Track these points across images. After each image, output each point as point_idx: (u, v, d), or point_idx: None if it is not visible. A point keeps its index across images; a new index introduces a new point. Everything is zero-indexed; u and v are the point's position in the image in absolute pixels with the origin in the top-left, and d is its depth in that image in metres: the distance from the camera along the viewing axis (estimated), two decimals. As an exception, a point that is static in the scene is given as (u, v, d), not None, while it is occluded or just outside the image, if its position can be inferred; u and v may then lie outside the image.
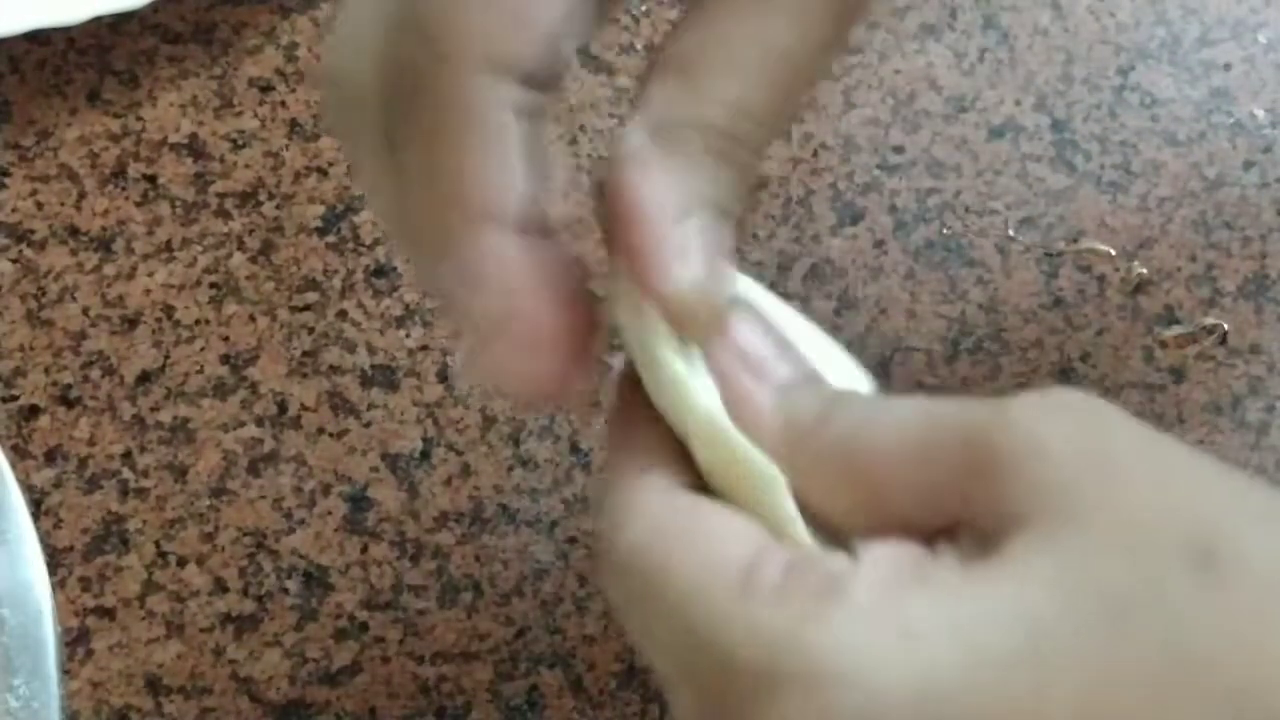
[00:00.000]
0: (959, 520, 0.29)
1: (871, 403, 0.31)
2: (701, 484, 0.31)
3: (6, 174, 0.53)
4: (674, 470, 0.31)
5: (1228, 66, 0.57)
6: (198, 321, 0.52)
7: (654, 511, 0.30)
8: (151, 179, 0.53)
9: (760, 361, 0.32)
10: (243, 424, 0.50)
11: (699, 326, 0.31)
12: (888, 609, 0.27)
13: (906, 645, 0.26)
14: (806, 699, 0.27)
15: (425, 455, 0.50)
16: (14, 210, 0.53)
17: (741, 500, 0.31)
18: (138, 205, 0.53)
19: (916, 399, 0.30)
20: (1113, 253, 0.54)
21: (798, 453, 0.30)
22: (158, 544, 0.49)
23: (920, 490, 0.29)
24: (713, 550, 0.29)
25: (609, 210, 0.31)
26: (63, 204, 0.53)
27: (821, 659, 0.27)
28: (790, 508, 0.30)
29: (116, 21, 0.54)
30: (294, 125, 0.54)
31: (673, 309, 0.31)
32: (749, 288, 0.34)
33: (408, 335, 0.52)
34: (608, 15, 0.34)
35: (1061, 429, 0.28)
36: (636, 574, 0.29)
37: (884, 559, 0.28)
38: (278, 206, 0.53)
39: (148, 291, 0.52)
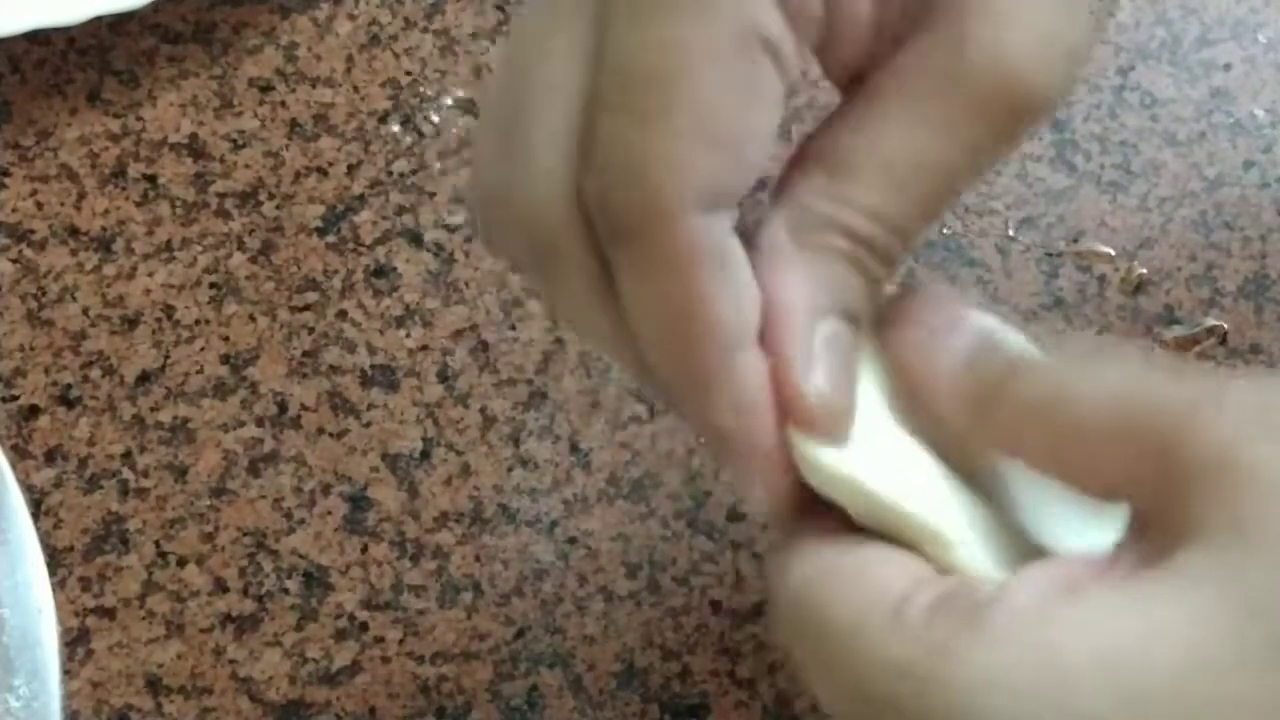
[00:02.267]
0: (1149, 511, 0.28)
1: (1061, 367, 0.31)
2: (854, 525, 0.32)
3: (6, 174, 0.53)
4: (834, 515, 0.32)
5: (1228, 66, 0.57)
6: (198, 321, 0.52)
7: (816, 550, 0.31)
8: (151, 179, 0.53)
9: (946, 322, 0.32)
10: (243, 424, 0.50)
11: (822, 430, 0.31)
12: (1030, 633, 0.27)
13: (1045, 673, 0.26)
14: None
15: (425, 455, 0.50)
16: (14, 210, 0.53)
17: (903, 538, 0.31)
18: (138, 205, 0.53)
19: (1105, 364, 0.30)
20: (1113, 253, 0.54)
21: (990, 413, 0.31)
22: (158, 544, 0.49)
23: (1110, 473, 0.29)
24: (872, 584, 0.29)
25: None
26: (63, 204, 0.53)
27: (962, 696, 0.27)
28: (951, 532, 0.31)
29: (116, 21, 0.54)
30: (294, 125, 0.54)
31: (800, 415, 0.31)
32: None
33: (408, 335, 0.52)
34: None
35: (1258, 443, 0.27)
36: (801, 613, 0.30)
37: (1034, 580, 0.28)
38: (278, 206, 0.53)
39: (148, 291, 0.52)
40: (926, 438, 0.33)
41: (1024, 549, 0.32)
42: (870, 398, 0.33)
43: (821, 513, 0.32)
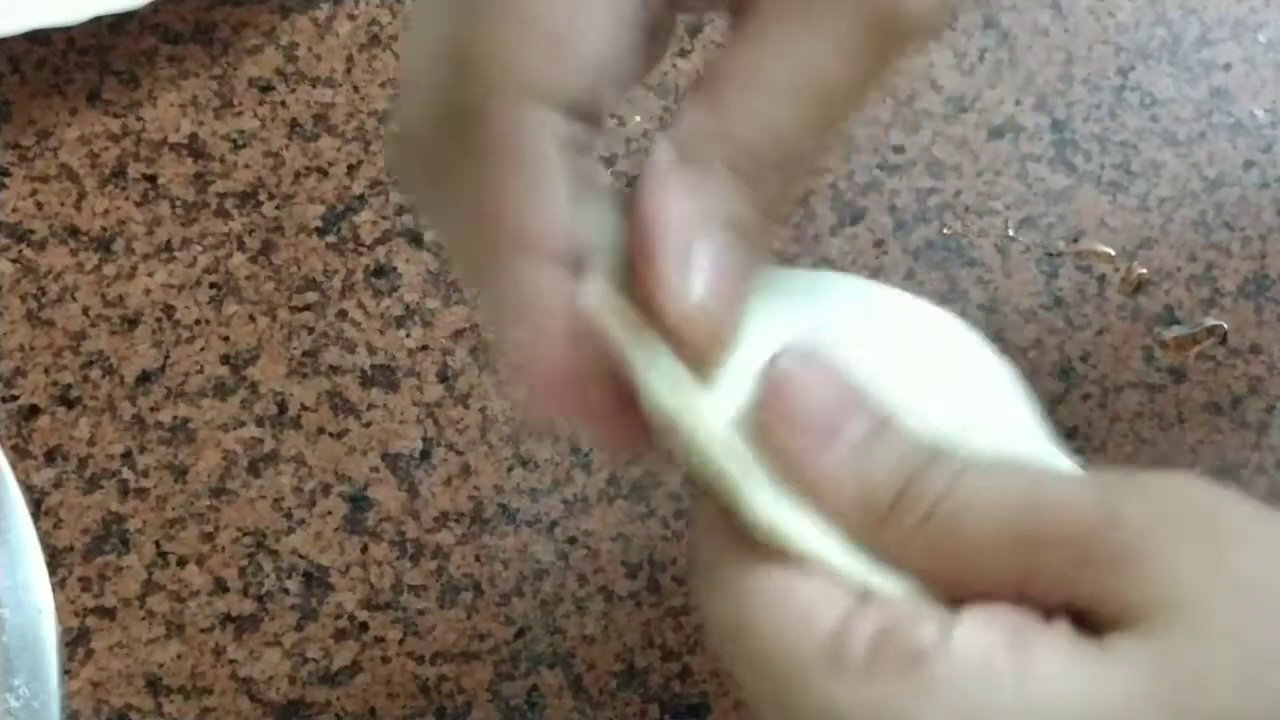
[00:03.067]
0: (1063, 603, 0.28)
1: (957, 469, 0.29)
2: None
3: (6, 174, 0.53)
4: (739, 534, 0.31)
5: (1228, 66, 0.57)
6: (198, 321, 0.52)
7: (735, 576, 0.30)
8: (151, 179, 0.53)
9: (826, 421, 0.30)
10: (243, 424, 0.50)
11: (698, 346, 0.30)
12: (970, 690, 0.27)
13: None
14: None
15: (425, 455, 0.50)
16: (14, 210, 0.53)
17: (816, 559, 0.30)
18: (138, 205, 0.53)
19: (1013, 470, 0.29)
20: (1113, 253, 0.54)
21: (880, 531, 0.29)
22: (158, 544, 0.49)
23: (1020, 577, 0.28)
24: (803, 615, 0.29)
25: (630, 226, 0.31)
26: (63, 204, 0.53)
27: None
28: (866, 575, 0.30)
29: (116, 21, 0.54)
30: (294, 125, 0.54)
31: (672, 325, 0.30)
32: (840, 282, 0.34)
33: (408, 335, 0.52)
34: (657, 55, 0.34)
35: (1183, 537, 0.27)
36: (733, 641, 0.30)
37: (977, 631, 0.28)
38: (278, 206, 0.53)
39: (148, 291, 0.52)
40: None
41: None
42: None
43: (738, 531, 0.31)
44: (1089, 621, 0.28)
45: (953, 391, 0.33)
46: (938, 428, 0.31)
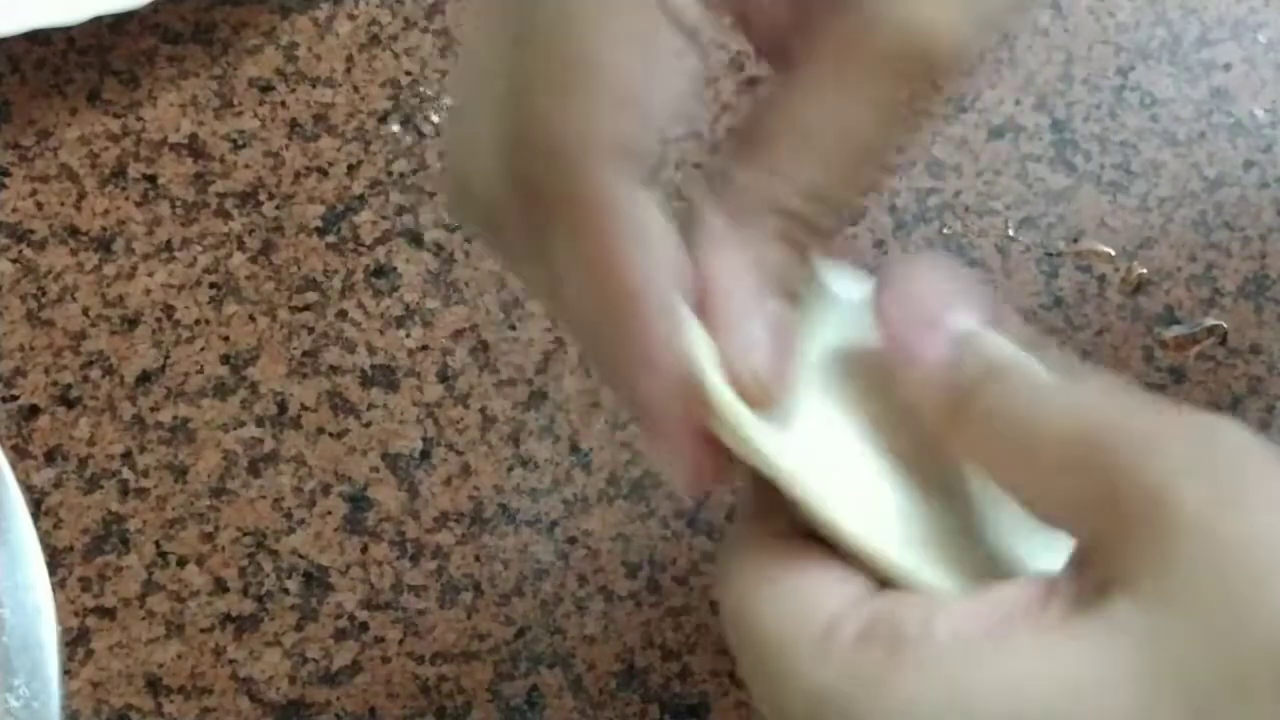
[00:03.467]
0: (1089, 545, 0.29)
1: (1039, 379, 0.31)
2: (800, 529, 0.32)
3: (6, 174, 0.53)
4: (781, 517, 0.32)
5: (1228, 66, 0.57)
6: (198, 321, 0.52)
7: (757, 561, 0.31)
8: (151, 179, 0.53)
9: (934, 310, 0.32)
10: (243, 424, 0.50)
11: (756, 404, 0.31)
12: (948, 672, 0.27)
13: (956, 714, 0.27)
14: None
15: (425, 455, 0.50)
16: (14, 210, 0.53)
17: (843, 546, 0.31)
18: (138, 205, 0.53)
19: (1074, 386, 0.30)
20: (1113, 253, 0.54)
21: (958, 412, 0.31)
22: (158, 544, 0.49)
23: (1058, 499, 0.29)
24: (805, 603, 0.30)
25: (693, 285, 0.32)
26: (63, 204, 0.53)
27: None
28: (875, 548, 0.31)
29: (116, 21, 0.54)
30: (294, 125, 0.54)
31: (740, 388, 0.31)
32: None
33: (408, 335, 0.52)
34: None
35: (1193, 485, 0.27)
36: (737, 625, 0.30)
37: (963, 614, 0.28)
38: (278, 206, 0.53)
39: (148, 291, 0.52)
40: (900, 439, 0.33)
41: (981, 562, 0.32)
42: (824, 394, 0.33)
43: (770, 514, 0.32)
44: (1096, 576, 0.28)
45: None
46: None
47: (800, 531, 0.31)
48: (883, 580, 0.31)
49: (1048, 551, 0.30)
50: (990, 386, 0.31)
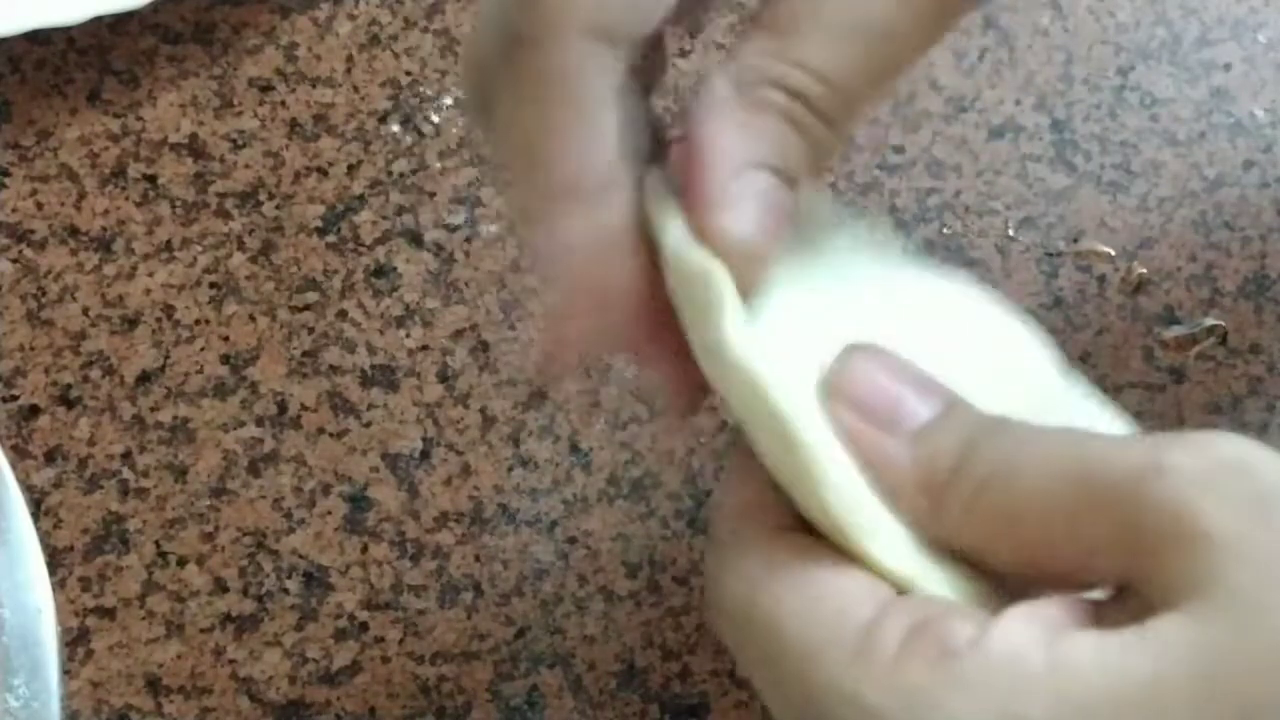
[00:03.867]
0: (1120, 581, 0.28)
1: (1015, 441, 0.29)
2: (804, 525, 0.30)
3: (6, 174, 0.53)
4: (779, 508, 0.30)
5: (1228, 66, 0.57)
6: (198, 321, 0.52)
7: (762, 557, 0.29)
8: (151, 179, 0.53)
9: (890, 408, 0.30)
10: (243, 424, 0.50)
11: (739, 278, 0.30)
12: (1000, 684, 0.26)
13: None
14: None
15: (425, 455, 0.50)
16: (14, 210, 0.53)
17: (850, 547, 0.29)
18: (138, 205, 0.53)
19: (1064, 433, 0.29)
20: (1113, 253, 0.54)
21: (939, 506, 0.29)
22: (158, 544, 0.49)
23: (1071, 552, 0.28)
24: (834, 605, 0.28)
25: (682, 153, 0.31)
26: (63, 204, 0.53)
27: None
28: (906, 566, 0.29)
29: (116, 21, 0.54)
30: (294, 125, 0.54)
31: (713, 248, 0.30)
32: (902, 268, 0.34)
33: (408, 335, 0.52)
34: (709, 8, 0.34)
35: (1221, 507, 0.27)
36: (751, 626, 0.29)
37: (1014, 627, 0.27)
38: (278, 206, 0.53)
39: (148, 291, 0.52)
40: None
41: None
42: (802, 301, 0.32)
43: (765, 506, 0.30)
44: (1139, 602, 0.27)
45: (987, 356, 0.33)
46: (972, 389, 0.31)
47: (799, 520, 0.30)
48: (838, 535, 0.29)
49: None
50: (967, 472, 0.29)
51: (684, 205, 0.31)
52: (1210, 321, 0.53)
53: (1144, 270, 0.54)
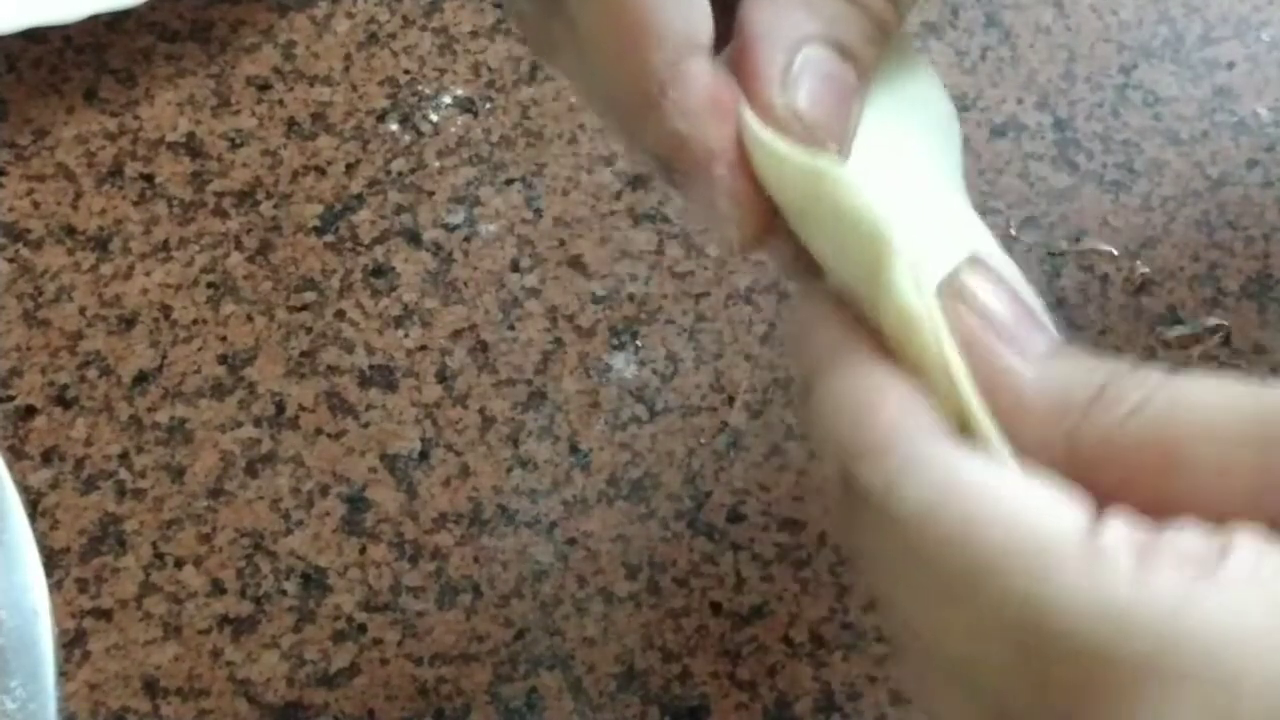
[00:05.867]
0: None
1: (1163, 376, 0.27)
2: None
3: (3, 173, 0.53)
4: (928, 408, 0.28)
5: (1231, 65, 0.56)
6: (195, 321, 0.51)
7: (940, 467, 0.27)
8: (149, 178, 0.53)
9: (1016, 327, 0.29)
10: (240, 424, 0.50)
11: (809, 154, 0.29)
12: (1269, 582, 0.24)
13: None
14: (1206, 696, 0.23)
15: (424, 456, 0.50)
16: (10, 209, 0.52)
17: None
18: (135, 204, 0.53)
19: (1215, 378, 0.27)
20: (1115, 252, 0.54)
21: (1076, 429, 0.27)
22: (155, 545, 0.49)
23: (1239, 485, 0.26)
24: (1032, 516, 0.25)
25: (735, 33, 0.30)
26: (59, 203, 0.53)
27: (1218, 648, 0.24)
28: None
29: (113, 20, 0.54)
30: (292, 124, 0.54)
31: (782, 131, 0.29)
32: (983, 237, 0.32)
33: (406, 335, 0.51)
34: None
35: None
36: (934, 541, 0.26)
37: (1256, 538, 0.25)
38: (275, 206, 0.53)
39: (145, 291, 0.52)
40: None
41: None
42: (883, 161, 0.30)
43: (920, 419, 0.28)
44: None
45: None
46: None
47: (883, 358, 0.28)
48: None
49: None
50: (1111, 400, 0.27)
51: (741, 88, 0.30)
52: (1213, 321, 0.53)
53: (1147, 270, 0.54)
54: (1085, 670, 0.24)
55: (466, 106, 0.55)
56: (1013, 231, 0.54)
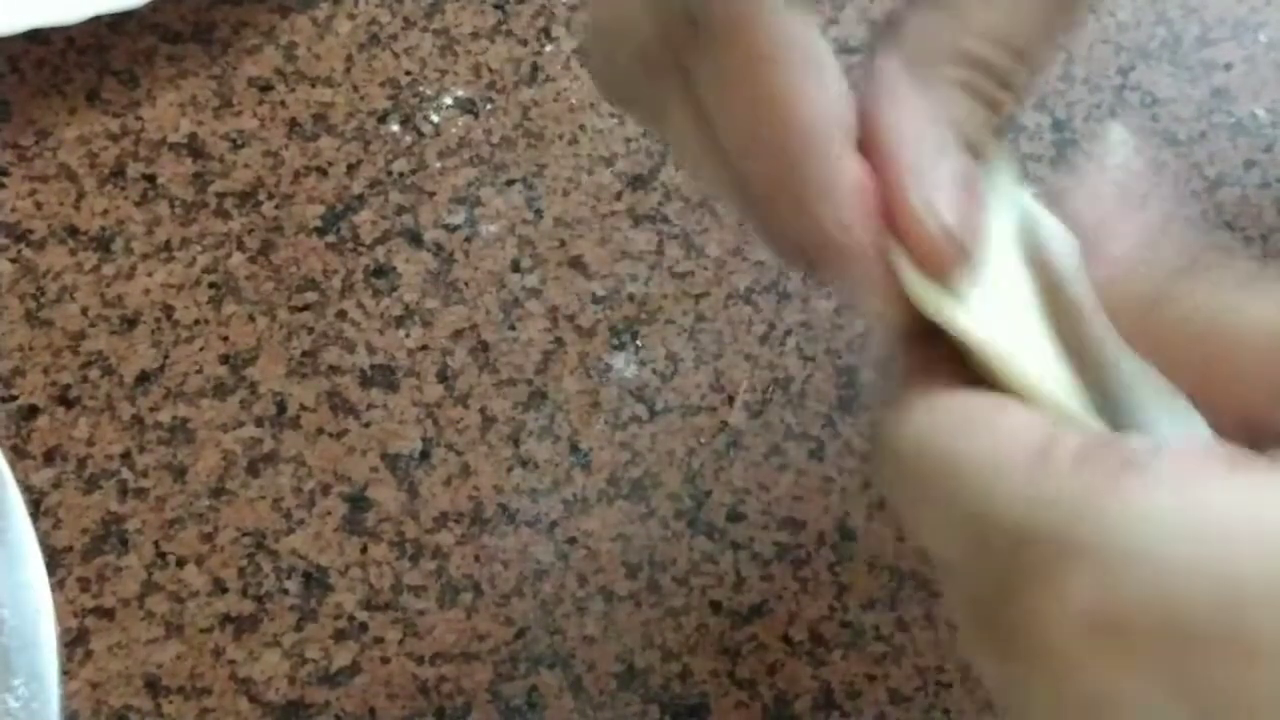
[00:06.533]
0: None
1: (1225, 282, 0.29)
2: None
3: (5, 174, 0.53)
4: (956, 369, 0.30)
5: (1228, 66, 0.56)
6: (197, 321, 0.51)
7: (939, 400, 0.29)
8: (150, 179, 0.53)
9: (1121, 203, 0.30)
10: (242, 424, 0.50)
11: (945, 270, 0.29)
12: (1191, 488, 0.25)
13: (1205, 527, 0.25)
14: (1095, 569, 0.25)
15: (425, 455, 0.50)
16: (13, 210, 0.52)
17: (1027, 387, 0.29)
18: (137, 205, 0.53)
19: (1270, 289, 0.28)
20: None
21: (1148, 316, 0.29)
22: (157, 544, 0.49)
23: (1265, 399, 0.27)
24: (1003, 433, 0.28)
25: (863, 142, 0.30)
26: (62, 204, 0.53)
27: (1116, 529, 0.25)
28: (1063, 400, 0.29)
29: (116, 21, 0.54)
30: (293, 125, 0.54)
31: (923, 251, 0.29)
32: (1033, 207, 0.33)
33: (407, 335, 0.52)
34: None
35: None
36: (923, 459, 0.28)
37: (1189, 447, 0.26)
38: (277, 206, 0.53)
39: (147, 291, 0.52)
40: (1063, 327, 0.31)
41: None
42: (1002, 261, 0.31)
43: (933, 362, 0.30)
44: None
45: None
46: None
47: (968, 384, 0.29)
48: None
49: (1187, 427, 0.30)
50: (1184, 285, 0.29)
51: (880, 193, 0.30)
52: (1211, 321, 0.53)
53: (1145, 270, 0.54)
54: (1017, 554, 0.26)
55: (467, 107, 0.55)
56: (1011, 232, 0.54)
